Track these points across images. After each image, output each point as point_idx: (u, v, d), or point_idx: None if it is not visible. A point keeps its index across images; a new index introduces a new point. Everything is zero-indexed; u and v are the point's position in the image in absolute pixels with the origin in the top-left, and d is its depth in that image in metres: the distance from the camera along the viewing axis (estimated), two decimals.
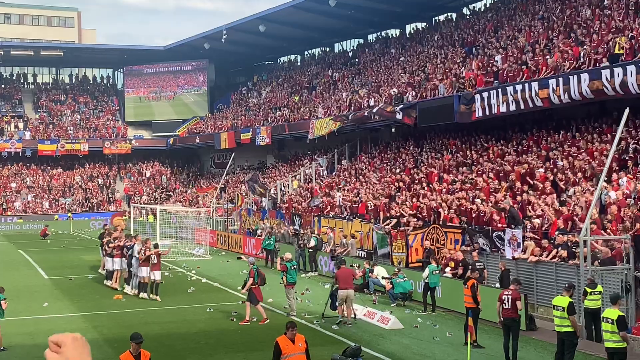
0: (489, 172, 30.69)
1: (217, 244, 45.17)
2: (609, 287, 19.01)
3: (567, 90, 27.86)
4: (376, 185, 37.47)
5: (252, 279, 21.32)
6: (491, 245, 24.71)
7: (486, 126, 36.58)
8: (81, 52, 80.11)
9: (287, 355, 11.94)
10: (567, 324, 15.05)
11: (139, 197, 67.75)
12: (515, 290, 16.85)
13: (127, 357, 11.89)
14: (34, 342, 19.35)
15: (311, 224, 37.26)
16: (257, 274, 21.48)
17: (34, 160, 70.85)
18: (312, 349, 12.86)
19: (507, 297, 16.60)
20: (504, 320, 16.69)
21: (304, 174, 49.48)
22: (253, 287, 21.30)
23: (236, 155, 58.89)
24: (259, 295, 21.50)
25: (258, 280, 21.51)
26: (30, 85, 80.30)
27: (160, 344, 18.33)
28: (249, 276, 21.69)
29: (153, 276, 26.07)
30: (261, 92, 68.47)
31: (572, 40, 31.70)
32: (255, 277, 21.39)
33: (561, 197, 25.18)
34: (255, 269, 21.60)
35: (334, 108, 49.08)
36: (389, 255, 29.63)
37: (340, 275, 21.98)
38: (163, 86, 76.82)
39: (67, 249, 45.51)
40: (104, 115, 77.04)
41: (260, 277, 21.68)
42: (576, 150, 28.12)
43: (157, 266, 26.15)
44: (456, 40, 44.92)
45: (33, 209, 65.53)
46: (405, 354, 17.61)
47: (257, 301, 21.33)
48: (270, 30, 59.16)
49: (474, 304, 18.23)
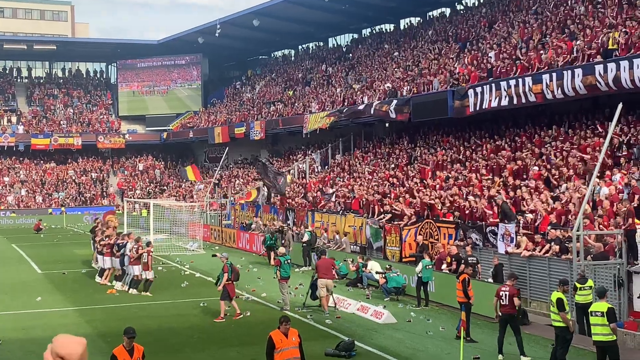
0: (482, 168, 30.75)
1: (211, 239, 45.16)
2: (602, 282, 19.09)
3: (560, 86, 27.93)
4: (370, 180, 37.50)
5: (227, 275, 21.02)
6: (484, 240, 24.78)
7: (480, 122, 36.67)
8: (74, 46, 79.88)
9: (280, 350, 11.96)
10: (559, 319, 15.14)
11: (133, 192, 67.70)
12: (512, 286, 16.86)
13: (121, 351, 11.89)
14: (27, 337, 19.36)
15: (305, 219, 37.29)
16: (230, 270, 21.15)
17: (27, 155, 70.70)
18: (306, 343, 12.89)
19: (505, 293, 16.60)
20: (502, 315, 16.69)
21: (297, 169, 49.49)
22: (227, 283, 20.98)
23: (230, 150, 58.85)
24: (232, 291, 21.15)
25: (232, 276, 21.18)
26: (24, 79, 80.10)
27: (154, 338, 18.34)
28: (222, 272, 21.34)
29: (145, 275, 26.01)
30: (255, 86, 68.42)
31: (565, 35, 31.76)
32: (229, 272, 21.07)
33: (554, 193, 25.24)
34: (229, 265, 21.31)
35: (328, 103, 49.08)
36: (382, 249, 29.71)
37: (320, 264, 22.82)
38: (157, 80, 76.69)
39: (60, 244, 45.46)
40: (98, 109, 76.90)
41: (234, 273, 21.36)
42: (569, 146, 28.19)
43: (147, 265, 25.97)
44: (450, 35, 44.95)
45: (26, 204, 65.41)
46: (398, 348, 17.66)
47: (229, 297, 21.00)
48: (264, 24, 59.11)
49: (465, 299, 18.29)
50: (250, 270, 31.97)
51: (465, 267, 19.91)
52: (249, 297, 24.85)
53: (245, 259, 36.09)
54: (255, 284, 27.63)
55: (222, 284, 21.03)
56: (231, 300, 21.09)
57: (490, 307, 20.99)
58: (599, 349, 14.35)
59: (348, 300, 23.11)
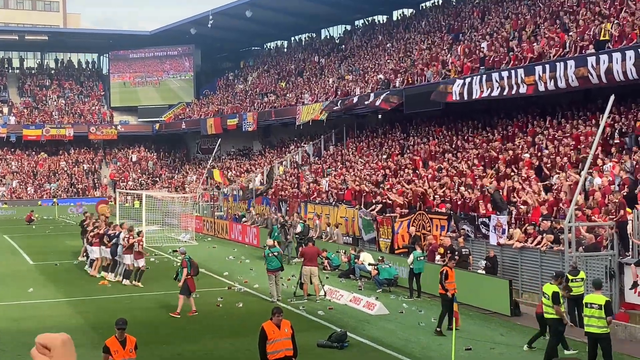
0: (474, 159, 30.78)
1: (204, 230, 45.13)
2: (593, 274, 19.14)
3: (553, 78, 27.92)
4: (362, 171, 37.50)
5: (186, 270, 20.61)
6: (475, 231, 24.81)
7: (472, 113, 36.70)
8: (66, 37, 79.55)
9: (273, 341, 11.98)
10: (552, 312, 15.16)
11: (125, 183, 67.58)
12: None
13: (113, 342, 11.89)
14: (19, 328, 19.33)
15: (297, 209, 37.28)
16: (189, 264, 20.76)
17: (19, 146, 70.48)
18: (298, 334, 12.90)
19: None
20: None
21: (290, 160, 49.46)
22: (187, 277, 20.60)
23: (222, 141, 58.77)
24: (192, 286, 20.74)
25: (191, 271, 20.79)
26: (15, 69, 79.78)
27: (146, 330, 18.33)
28: (181, 267, 21.04)
29: (137, 263, 26.00)
30: (247, 78, 68.30)
31: (558, 26, 31.77)
32: (189, 267, 20.67)
33: (546, 183, 25.26)
34: (188, 259, 20.98)
35: (321, 94, 49.03)
36: (375, 241, 29.73)
37: (307, 252, 23.41)
38: (149, 71, 76.48)
39: (52, 235, 45.37)
40: (90, 100, 76.67)
41: (193, 267, 21.00)
42: (561, 134, 28.23)
43: (140, 254, 26.00)
44: (443, 26, 44.93)
45: (18, 195, 65.23)
46: (390, 339, 17.69)
47: (189, 292, 20.61)
48: (256, 15, 58.96)
49: (443, 291, 18.29)
50: (242, 261, 31.99)
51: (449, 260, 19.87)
52: (242, 289, 24.86)
53: (237, 250, 36.10)
54: (247, 275, 27.64)
55: (182, 280, 20.61)
56: (190, 296, 20.69)
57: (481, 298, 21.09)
58: (591, 340, 14.38)
59: (340, 291, 23.14)
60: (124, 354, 11.80)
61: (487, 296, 21.03)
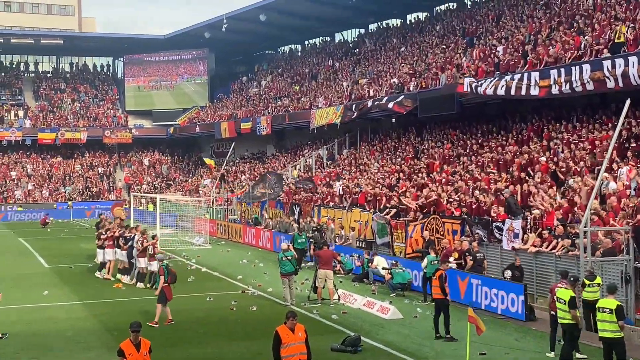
0: (489, 163, 30.65)
1: (217, 234, 45.18)
2: (609, 279, 19.01)
3: (568, 81, 27.77)
4: (376, 175, 37.43)
5: (163, 277, 20.20)
6: (489, 235, 24.68)
7: (486, 116, 36.61)
8: (81, 41, 79.94)
9: (287, 345, 11.95)
10: (569, 317, 15.03)
11: (139, 186, 67.78)
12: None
13: (128, 345, 11.89)
14: (33, 330, 19.40)
15: (311, 213, 37.25)
16: (167, 272, 20.35)
17: (34, 149, 70.88)
18: (312, 338, 12.86)
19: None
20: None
21: (304, 164, 49.45)
22: (163, 285, 20.14)
23: (236, 145, 58.91)
24: (169, 294, 20.20)
25: (168, 279, 20.32)
26: (31, 73, 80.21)
27: (161, 333, 18.37)
28: (158, 275, 20.77)
29: (150, 267, 26.03)
30: (261, 81, 68.39)
31: (573, 30, 31.61)
32: (166, 275, 20.25)
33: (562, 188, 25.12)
34: (165, 267, 20.58)
35: (335, 98, 49.02)
36: (389, 245, 29.64)
37: (322, 255, 23.35)
38: (163, 75, 76.74)
39: (67, 238, 45.56)
40: (104, 104, 77.00)
41: (170, 275, 20.49)
42: (577, 139, 28.08)
43: (153, 257, 26.01)
44: (457, 30, 44.82)
45: (33, 198, 65.54)
46: (404, 343, 17.63)
47: (166, 300, 20.07)
48: (270, 19, 59.06)
49: (442, 295, 18.19)
50: (256, 265, 31.99)
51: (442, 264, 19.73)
52: (255, 292, 24.85)
53: (251, 253, 36.11)
54: (261, 279, 27.63)
55: (159, 288, 20.26)
56: (165, 304, 20.11)
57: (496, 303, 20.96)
58: (606, 345, 14.29)
59: (354, 295, 23.10)
60: (138, 357, 11.79)
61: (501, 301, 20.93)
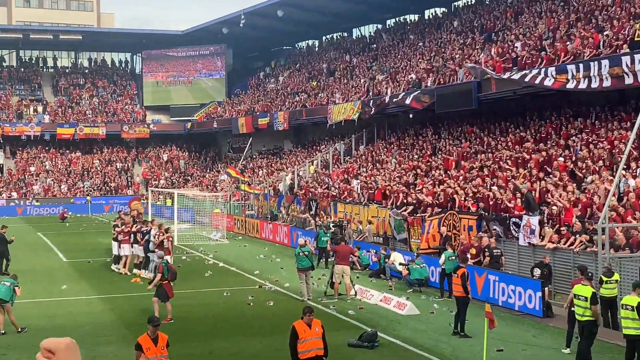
0: (507, 159, 30.56)
1: (234, 229, 45.31)
2: (627, 275, 18.95)
3: (587, 77, 27.62)
4: (393, 172, 37.40)
5: (162, 275, 19.93)
6: (505, 231, 24.64)
7: (504, 113, 36.48)
8: (100, 37, 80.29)
9: (304, 340, 11.99)
10: (589, 314, 14.92)
11: (157, 182, 68.05)
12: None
13: (145, 339, 11.98)
14: (52, 324, 19.56)
15: (327, 209, 37.27)
16: (166, 270, 20.08)
17: (53, 144, 71.27)
18: (329, 334, 12.90)
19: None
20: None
21: (321, 159, 49.47)
22: (163, 282, 19.86)
23: (254, 140, 59.01)
24: (170, 291, 19.94)
25: (168, 276, 20.05)
26: (50, 69, 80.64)
27: (177, 327, 18.46)
28: (156, 272, 20.67)
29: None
30: (279, 77, 68.42)
31: (592, 26, 31.43)
32: (165, 272, 19.97)
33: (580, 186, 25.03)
34: (165, 264, 20.35)
35: (352, 94, 48.99)
36: (407, 242, 29.63)
37: (340, 250, 23.45)
38: (181, 71, 76.94)
39: (85, 232, 45.85)
40: (123, 99, 77.30)
41: (170, 273, 20.23)
42: (596, 138, 27.93)
43: (168, 251, 26.15)
44: (475, 26, 44.65)
45: (52, 193, 65.94)
46: (421, 339, 17.64)
47: (167, 298, 19.79)
48: (288, 15, 59.08)
49: (464, 293, 18.14)
50: (273, 260, 32.07)
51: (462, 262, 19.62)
52: (272, 287, 24.92)
53: (268, 249, 36.20)
54: (278, 274, 27.70)
55: (153, 284, 20.22)
56: (167, 301, 19.79)
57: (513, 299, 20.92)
58: (629, 342, 14.21)
59: (371, 291, 23.12)
60: (155, 352, 11.88)
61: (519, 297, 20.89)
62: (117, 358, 16.05)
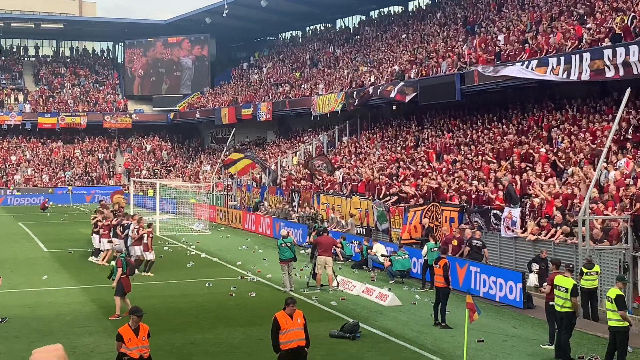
0: (488, 152, 30.68)
1: (217, 220, 45.24)
2: (607, 267, 19.10)
3: (567, 70, 27.73)
4: (376, 163, 37.46)
5: (121, 269, 19.31)
6: (487, 223, 24.75)
7: (487, 105, 36.61)
8: (82, 25, 79.80)
9: (285, 331, 12.00)
10: (569, 305, 15.02)
11: (139, 172, 67.81)
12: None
13: (126, 330, 11.94)
14: (33, 315, 19.45)
15: (310, 200, 37.29)
16: (125, 264, 19.47)
17: (34, 134, 70.84)
18: (311, 324, 12.92)
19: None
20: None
21: (304, 151, 49.45)
22: (122, 277, 19.28)
23: (237, 131, 58.87)
24: (127, 286, 19.42)
25: (127, 271, 19.53)
26: (31, 57, 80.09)
27: (159, 318, 18.42)
28: (116, 266, 19.70)
29: (145, 256, 26.05)
30: (262, 68, 68.29)
31: (574, 19, 31.56)
32: (124, 267, 19.36)
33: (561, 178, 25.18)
34: (123, 258, 19.75)
35: (336, 85, 48.98)
36: (388, 232, 29.71)
37: (322, 241, 23.41)
38: (164, 60, 76.56)
39: (66, 223, 45.63)
40: (104, 89, 76.90)
41: (129, 267, 19.73)
42: (577, 129, 28.10)
43: (147, 246, 26.02)
44: (459, 18, 44.74)
45: (33, 182, 65.56)
46: (403, 330, 17.70)
47: (123, 293, 19.25)
48: (272, 5, 58.98)
49: (445, 284, 18.22)
50: (255, 251, 32.05)
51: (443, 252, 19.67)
52: (255, 278, 24.92)
53: (251, 240, 36.18)
54: (260, 265, 27.70)
55: (116, 280, 19.40)
56: (124, 296, 19.30)
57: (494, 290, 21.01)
58: (611, 333, 14.32)
59: (353, 282, 23.16)
60: (137, 342, 11.85)
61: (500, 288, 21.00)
62: (98, 348, 16.00)
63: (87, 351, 15.78)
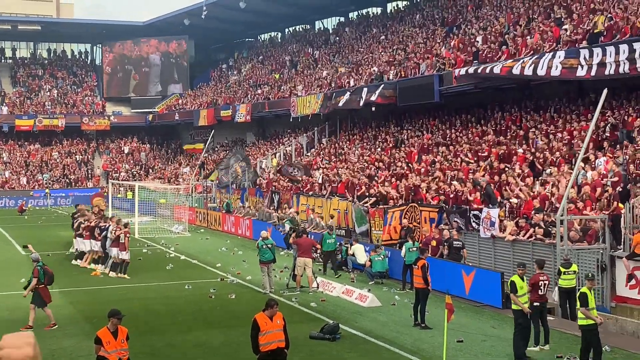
0: (467, 152, 30.81)
1: (196, 222, 45.10)
2: (585, 267, 19.23)
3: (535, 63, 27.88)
4: (355, 164, 37.51)
5: (37, 279, 18.20)
6: (467, 224, 24.85)
7: (466, 106, 36.75)
8: (59, 27, 79.24)
9: (265, 332, 11.99)
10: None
11: (118, 174, 67.46)
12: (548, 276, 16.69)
13: (105, 333, 11.89)
14: (12, 317, 19.31)
15: (289, 202, 37.26)
16: (42, 273, 18.35)
17: (11, 136, 70.24)
18: (290, 326, 12.92)
19: (544, 282, 16.19)
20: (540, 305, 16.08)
21: (284, 152, 49.43)
22: (39, 287, 18.25)
23: (216, 133, 58.71)
24: (47, 296, 18.45)
25: (45, 280, 18.43)
26: (8, 59, 79.42)
27: (138, 320, 18.33)
28: (32, 276, 18.47)
29: (121, 255, 25.94)
30: (241, 69, 68.18)
31: (552, 20, 31.78)
32: (41, 276, 18.27)
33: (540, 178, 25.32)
34: (40, 267, 18.51)
35: (315, 86, 48.98)
36: (368, 233, 29.72)
37: (302, 243, 23.42)
38: (142, 62, 76.21)
39: (44, 225, 45.31)
40: (82, 91, 76.42)
41: (47, 276, 18.53)
42: (554, 129, 28.29)
43: (123, 246, 25.94)
44: (437, 19, 44.90)
45: (10, 185, 65.02)
46: (382, 331, 17.73)
47: (44, 303, 18.36)
48: (250, 6, 58.84)
49: (424, 285, 18.26)
50: (235, 253, 32.00)
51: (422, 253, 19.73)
52: (234, 280, 24.88)
53: (230, 242, 36.10)
54: (240, 266, 27.65)
55: (29, 289, 18.36)
56: (45, 307, 18.40)
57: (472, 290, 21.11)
58: (581, 332, 14.46)
59: (333, 283, 23.18)
60: (115, 345, 11.80)
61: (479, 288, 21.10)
62: (76, 352, 15.90)
63: (66, 354, 15.69)
